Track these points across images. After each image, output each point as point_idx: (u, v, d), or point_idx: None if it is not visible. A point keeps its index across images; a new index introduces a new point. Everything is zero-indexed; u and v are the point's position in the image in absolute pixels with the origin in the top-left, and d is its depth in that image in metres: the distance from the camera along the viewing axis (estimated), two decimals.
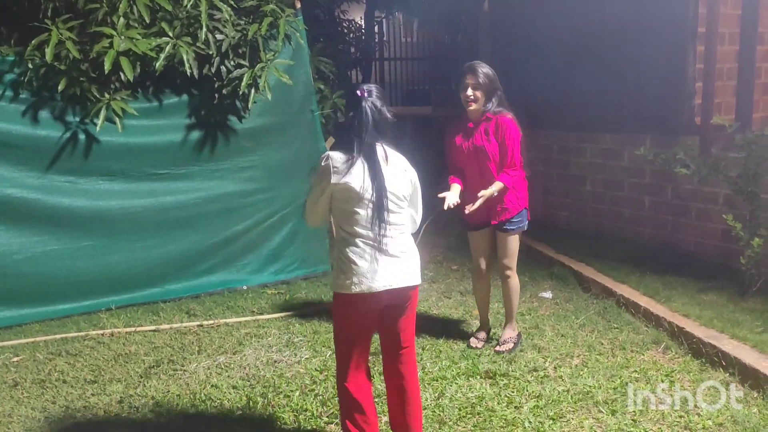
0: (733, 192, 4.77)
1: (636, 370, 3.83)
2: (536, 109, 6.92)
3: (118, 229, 4.91)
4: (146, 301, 5.06)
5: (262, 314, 4.90)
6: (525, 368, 3.89)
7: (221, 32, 4.83)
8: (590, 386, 3.65)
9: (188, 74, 4.70)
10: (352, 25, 9.76)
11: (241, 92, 4.93)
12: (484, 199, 3.86)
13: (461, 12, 9.65)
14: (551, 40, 6.79)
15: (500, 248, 4.18)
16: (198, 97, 5.09)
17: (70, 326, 4.68)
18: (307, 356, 4.14)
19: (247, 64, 4.93)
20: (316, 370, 3.93)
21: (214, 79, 4.98)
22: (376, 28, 11.41)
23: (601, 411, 3.41)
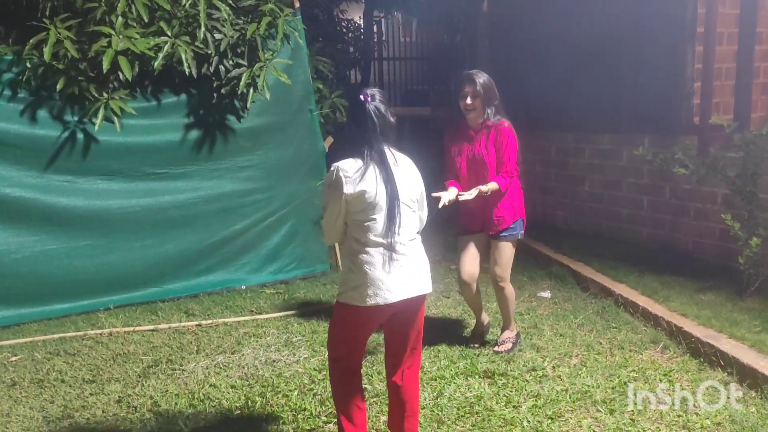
0: (732, 192, 4.77)
1: (634, 370, 3.83)
2: (534, 109, 6.94)
3: (117, 229, 4.92)
4: (145, 300, 5.06)
5: (260, 314, 4.90)
6: (523, 368, 3.89)
7: (220, 32, 4.83)
8: (589, 386, 3.66)
9: (187, 74, 4.70)
10: (350, 24, 9.76)
11: (239, 92, 4.93)
12: (480, 192, 3.81)
13: (460, 12, 9.66)
14: (550, 40, 6.79)
15: (493, 256, 4.10)
16: (196, 97, 5.09)
17: (68, 326, 4.68)
18: (305, 356, 4.14)
19: (245, 63, 4.94)
20: (315, 370, 3.93)
21: (213, 78, 4.98)
22: (374, 27, 11.40)
23: (599, 410, 3.41)
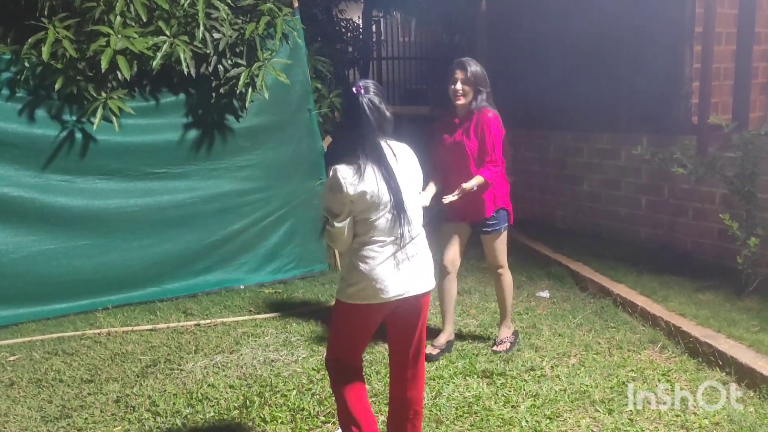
0: (730, 191, 4.77)
1: (633, 370, 3.84)
2: (533, 108, 6.95)
3: (115, 229, 4.91)
4: (143, 300, 5.06)
5: (259, 313, 4.89)
6: (522, 367, 3.89)
7: (218, 31, 4.82)
8: (587, 385, 3.66)
9: (185, 73, 4.69)
10: (349, 24, 9.75)
11: (238, 91, 4.93)
12: (463, 192, 3.76)
13: (459, 12, 9.65)
14: (548, 39, 6.80)
15: (485, 250, 4.11)
16: (195, 96, 5.09)
17: (66, 325, 4.68)
18: (304, 355, 4.14)
19: (244, 63, 4.93)
20: (313, 370, 3.93)
21: (212, 78, 4.98)
22: (373, 27, 11.40)
23: (597, 410, 3.42)
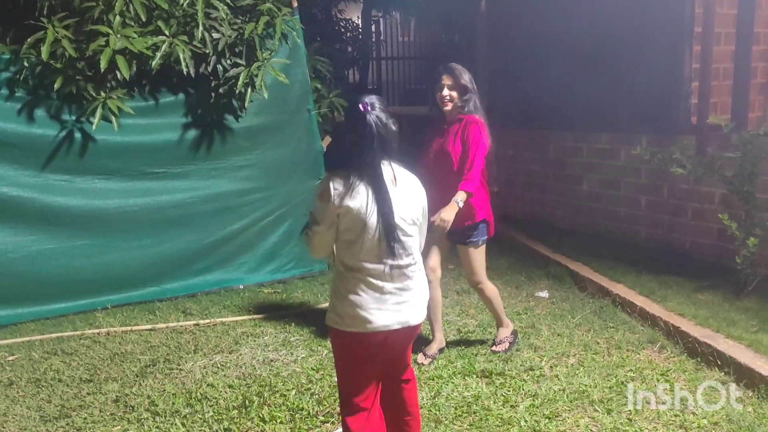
0: (729, 191, 4.78)
1: (632, 370, 3.84)
2: (533, 108, 6.95)
3: (115, 228, 4.91)
4: (142, 300, 5.06)
5: (258, 313, 4.89)
6: (521, 367, 3.89)
7: (218, 31, 4.82)
8: (586, 385, 3.66)
9: (185, 73, 4.69)
10: (349, 24, 9.75)
11: (237, 91, 4.92)
12: (452, 219, 3.63)
13: (458, 12, 9.65)
14: (548, 39, 6.79)
15: (462, 263, 3.99)
16: (194, 96, 5.09)
17: (65, 325, 4.68)
18: (303, 355, 4.14)
19: (243, 63, 4.93)
20: (313, 369, 3.93)
21: (211, 78, 4.98)
22: (373, 27, 11.40)
23: (596, 410, 3.42)
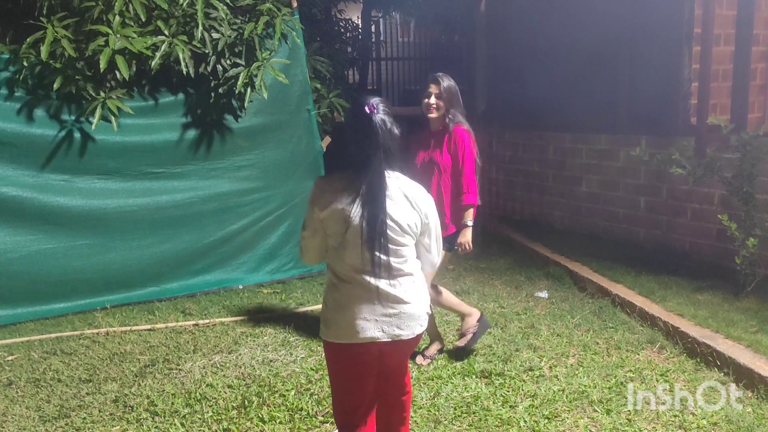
0: (728, 192, 4.78)
1: (631, 370, 3.84)
2: (532, 109, 6.95)
3: (114, 228, 4.91)
4: (142, 300, 5.06)
5: (257, 314, 4.89)
6: (520, 368, 3.89)
7: (217, 31, 4.82)
8: (585, 386, 3.66)
9: (184, 73, 4.69)
10: (348, 24, 9.75)
11: (237, 91, 4.93)
12: (470, 239, 3.80)
13: (458, 12, 9.66)
14: (547, 40, 6.80)
15: None
16: (194, 96, 5.09)
17: (65, 325, 4.67)
18: (302, 355, 4.14)
19: (243, 63, 4.93)
20: (312, 369, 3.93)
21: (211, 78, 4.98)
22: (372, 27, 11.40)
23: (596, 410, 3.42)
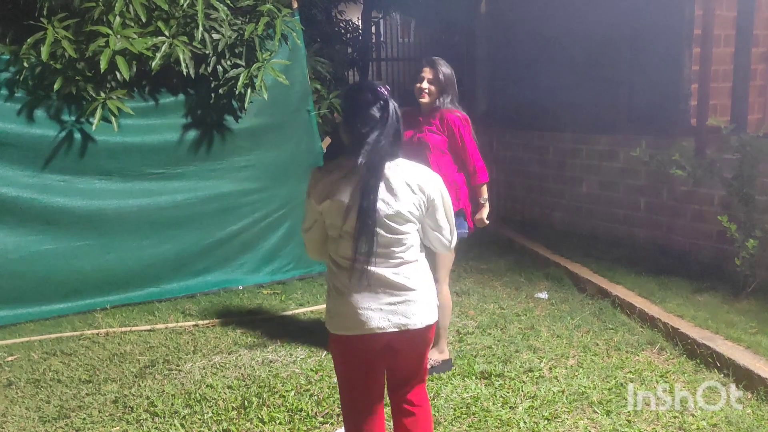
0: (728, 193, 4.78)
1: (631, 371, 3.84)
2: (532, 110, 6.96)
3: (114, 229, 4.91)
4: (142, 300, 5.06)
5: (257, 314, 4.89)
6: (520, 369, 3.89)
7: (218, 32, 4.83)
8: (585, 387, 3.66)
9: (184, 74, 4.69)
10: (349, 25, 9.75)
11: (237, 92, 4.93)
12: (487, 203, 3.87)
13: (458, 13, 9.66)
14: (547, 41, 6.80)
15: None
16: (194, 97, 5.09)
17: (65, 326, 4.67)
18: (302, 356, 4.14)
19: (243, 63, 4.93)
20: (312, 370, 3.93)
21: (211, 78, 4.98)
22: (373, 28, 11.40)
23: (596, 411, 3.42)
